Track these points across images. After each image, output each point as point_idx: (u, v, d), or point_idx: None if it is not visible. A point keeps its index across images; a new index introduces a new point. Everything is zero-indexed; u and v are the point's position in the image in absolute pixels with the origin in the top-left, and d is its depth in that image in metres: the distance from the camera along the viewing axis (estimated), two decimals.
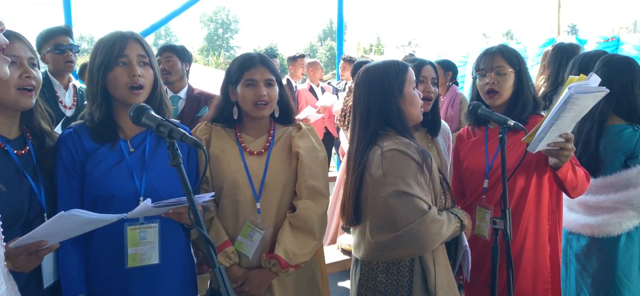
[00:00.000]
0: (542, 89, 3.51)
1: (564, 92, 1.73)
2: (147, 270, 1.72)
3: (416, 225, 1.69)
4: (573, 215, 2.46)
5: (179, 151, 1.28)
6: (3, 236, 1.21)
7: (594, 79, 1.77)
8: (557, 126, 1.81)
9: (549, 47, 3.79)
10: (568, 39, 7.88)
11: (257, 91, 1.94)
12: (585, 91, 1.74)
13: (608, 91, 1.82)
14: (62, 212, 1.28)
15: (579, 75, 1.83)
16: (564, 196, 2.33)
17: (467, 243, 1.92)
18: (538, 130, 1.84)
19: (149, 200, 1.44)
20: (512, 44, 8.83)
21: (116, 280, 1.70)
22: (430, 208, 1.73)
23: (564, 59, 3.19)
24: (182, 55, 3.45)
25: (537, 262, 2.17)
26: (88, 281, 1.70)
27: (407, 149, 1.74)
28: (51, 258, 1.64)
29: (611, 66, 2.36)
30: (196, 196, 1.60)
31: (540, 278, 2.18)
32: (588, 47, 6.67)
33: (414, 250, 1.74)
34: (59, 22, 5.12)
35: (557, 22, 10.98)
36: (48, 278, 1.63)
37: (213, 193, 1.68)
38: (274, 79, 1.98)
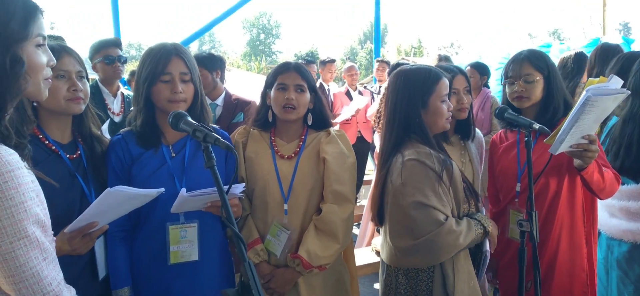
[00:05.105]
0: None
1: (582, 95, 1.74)
2: (187, 266, 1.85)
3: (432, 236, 1.73)
4: (614, 221, 2.42)
5: (214, 155, 1.37)
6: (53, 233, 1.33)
7: (615, 81, 1.77)
8: (577, 127, 1.81)
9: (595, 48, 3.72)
10: (614, 38, 7.61)
11: (286, 94, 2.04)
12: (604, 93, 1.74)
13: (629, 92, 1.81)
14: (108, 189, 1.43)
15: (618, 74, 1.82)
16: (606, 201, 2.31)
17: (487, 248, 1.94)
18: (559, 132, 1.85)
19: (183, 190, 1.58)
20: (555, 44, 8.59)
21: (159, 276, 1.84)
22: (447, 218, 1.76)
23: (611, 59, 3.13)
24: (209, 65, 3.44)
25: (574, 264, 2.16)
26: (133, 277, 1.84)
27: (426, 160, 1.77)
28: (104, 253, 1.80)
29: None
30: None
31: (578, 280, 2.17)
32: (635, 47, 6.41)
33: (428, 259, 1.78)
34: (109, 31, 5.41)
35: (603, 20, 10.55)
36: (102, 270, 1.78)
37: (244, 184, 1.82)
38: (305, 85, 2.07)
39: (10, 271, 1.07)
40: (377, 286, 4.37)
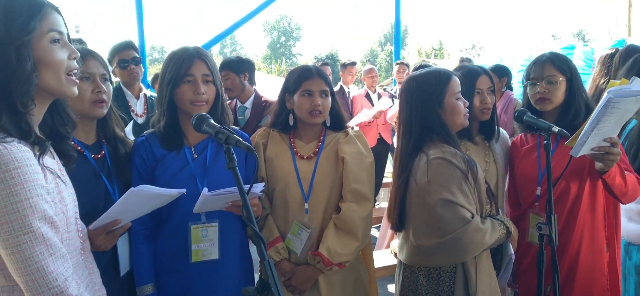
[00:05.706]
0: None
1: (604, 97, 1.72)
2: (208, 265, 1.91)
3: (459, 234, 1.73)
4: (633, 225, 2.38)
5: (235, 156, 1.41)
6: (80, 229, 1.38)
7: (637, 83, 1.75)
8: (599, 130, 1.80)
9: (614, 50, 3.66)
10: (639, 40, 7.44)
11: (312, 101, 2.08)
12: (626, 95, 1.72)
13: None
14: (132, 188, 1.48)
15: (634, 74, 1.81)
16: (625, 205, 2.27)
17: (512, 252, 1.93)
18: (580, 134, 1.83)
19: (205, 189, 1.63)
20: (579, 46, 8.45)
21: (181, 273, 1.90)
22: (473, 216, 1.76)
23: None
24: (236, 67, 3.49)
25: (594, 269, 2.14)
26: (155, 274, 1.90)
27: (452, 158, 1.79)
28: (126, 250, 1.85)
29: None
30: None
31: (597, 285, 2.15)
32: None
33: (455, 257, 1.79)
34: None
35: (628, 21, 10.32)
36: (124, 267, 1.83)
37: (264, 184, 1.86)
38: (328, 90, 2.12)
39: (18, 264, 1.11)
40: (391, 288, 4.37)
